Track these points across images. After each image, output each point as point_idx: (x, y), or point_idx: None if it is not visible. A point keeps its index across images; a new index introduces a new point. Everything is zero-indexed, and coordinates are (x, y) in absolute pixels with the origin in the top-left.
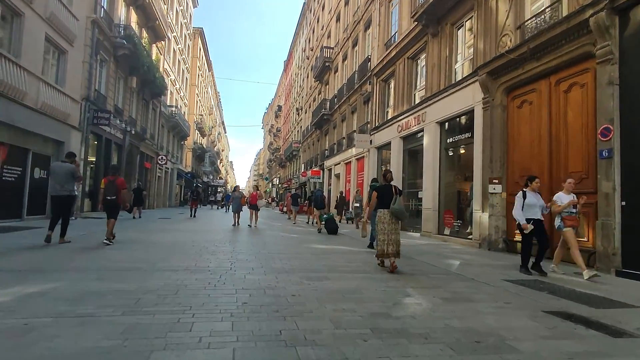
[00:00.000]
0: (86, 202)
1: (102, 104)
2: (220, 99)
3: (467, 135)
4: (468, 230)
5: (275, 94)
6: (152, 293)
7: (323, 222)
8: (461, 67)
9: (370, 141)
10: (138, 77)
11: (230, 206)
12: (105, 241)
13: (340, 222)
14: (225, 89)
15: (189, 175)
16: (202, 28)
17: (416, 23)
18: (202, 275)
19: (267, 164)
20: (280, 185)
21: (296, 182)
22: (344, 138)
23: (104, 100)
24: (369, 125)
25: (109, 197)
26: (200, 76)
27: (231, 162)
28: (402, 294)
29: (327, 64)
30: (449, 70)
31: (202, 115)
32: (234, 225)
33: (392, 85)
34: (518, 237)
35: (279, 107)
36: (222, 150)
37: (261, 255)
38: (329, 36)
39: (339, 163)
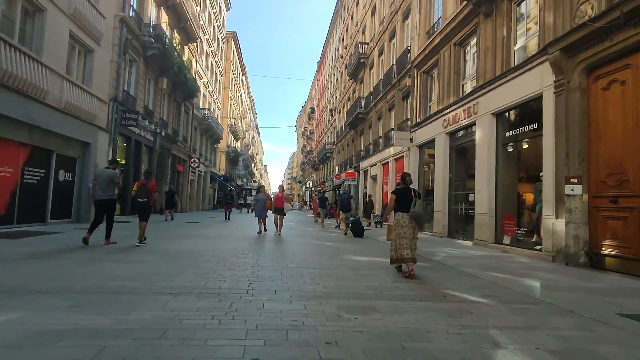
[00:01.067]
0: None
1: (131, 105)
2: (254, 103)
3: (533, 126)
4: (534, 240)
5: (308, 96)
6: (127, 335)
7: (349, 225)
8: (523, 49)
9: (411, 139)
10: (169, 78)
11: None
12: (137, 244)
13: (369, 225)
14: (259, 93)
15: (222, 178)
16: (235, 32)
17: (465, 3)
18: (207, 303)
19: (301, 167)
20: (313, 189)
21: (330, 185)
22: (380, 137)
23: (134, 101)
24: (408, 123)
25: (140, 200)
26: (233, 80)
27: (265, 165)
28: (487, 341)
29: (362, 60)
30: (507, 53)
31: (235, 118)
32: (259, 232)
33: (435, 76)
34: (607, 250)
35: (312, 109)
36: (257, 154)
37: (288, 271)
38: (363, 32)
39: (376, 164)
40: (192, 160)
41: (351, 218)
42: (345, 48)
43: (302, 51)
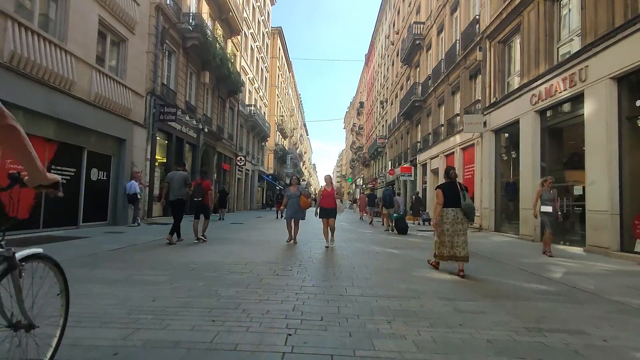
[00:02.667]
0: (155, 206)
1: (171, 100)
2: (301, 101)
3: None
4: None
5: (356, 90)
6: None
7: (393, 221)
8: None
9: (484, 123)
10: (211, 71)
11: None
12: (201, 237)
13: (417, 224)
14: (305, 91)
15: (270, 177)
16: (280, 27)
17: None
18: None
19: (350, 164)
20: (364, 186)
21: (382, 181)
22: (442, 125)
23: (173, 95)
24: (479, 105)
25: (196, 199)
26: (280, 77)
27: (314, 164)
28: None
29: (417, 42)
30: None
31: (282, 116)
32: (288, 240)
33: (516, 44)
34: None
35: (361, 104)
36: (305, 152)
37: (349, 304)
38: (418, 11)
39: (437, 156)
40: (238, 158)
41: (394, 214)
42: (397, 33)
43: (348, 45)
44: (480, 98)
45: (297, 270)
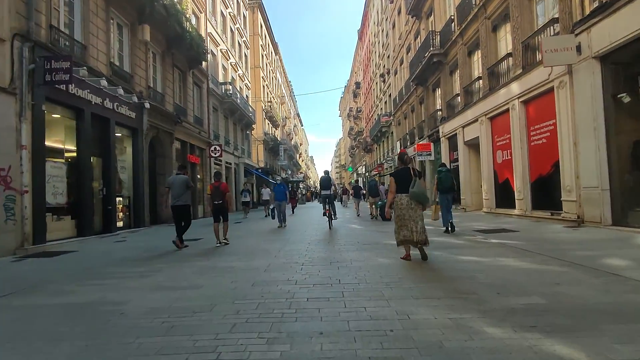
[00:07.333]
0: (58, 224)
1: (78, 56)
2: (292, 90)
3: None
4: None
5: (350, 72)
6: None
7: (377, 209)
8: None
9: (577, 47)
10: (153, 26)
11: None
12: (223, 241)
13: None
14: (295, 82)
15: (259, 170)
16: (261, 0)
17: None
18: None
19: (349, 152)
20: (367, 174)
21: (391, 166)
22: (478, 79)
23: (82, 50)
24: (552, 29)
25: (216, 202)
26: (264, 57)
27: (311, 157)
28: None
29: None
30: None
31: (270, 102)
32: None
33: None
34: None
35: (357, 85)
36: (301, 144)
37: None
38: None
39: (474, 121)
40: (212, 148)
41: (379, 202)
42: None
43: (336, 36)
44: (557, 15)
45: None
